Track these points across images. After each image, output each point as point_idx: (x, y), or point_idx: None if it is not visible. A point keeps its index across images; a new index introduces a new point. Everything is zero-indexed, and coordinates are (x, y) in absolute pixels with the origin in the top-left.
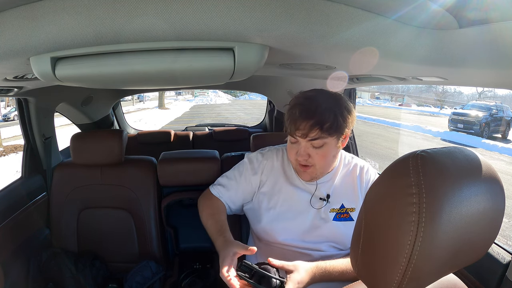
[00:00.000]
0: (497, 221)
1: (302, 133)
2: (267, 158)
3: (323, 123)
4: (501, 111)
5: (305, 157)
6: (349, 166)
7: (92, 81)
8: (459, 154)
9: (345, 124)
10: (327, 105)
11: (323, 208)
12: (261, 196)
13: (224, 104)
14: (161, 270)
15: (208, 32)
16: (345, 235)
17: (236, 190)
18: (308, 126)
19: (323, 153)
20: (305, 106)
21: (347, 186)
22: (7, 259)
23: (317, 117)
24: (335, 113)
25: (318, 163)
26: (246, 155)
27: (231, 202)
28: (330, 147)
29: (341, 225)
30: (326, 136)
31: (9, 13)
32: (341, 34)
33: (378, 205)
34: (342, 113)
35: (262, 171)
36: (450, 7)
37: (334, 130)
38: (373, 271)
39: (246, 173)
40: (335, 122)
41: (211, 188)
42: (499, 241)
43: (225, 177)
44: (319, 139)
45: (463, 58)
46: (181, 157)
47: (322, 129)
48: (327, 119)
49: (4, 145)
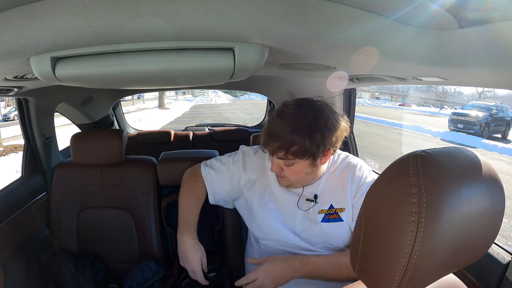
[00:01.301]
0: (497, 221)
1: (271, 151)
2: (258, 156)
3: (289, 147)
4: (501, 111)
5: (277, 169)
6: (341, 165)
7: (92, 81)
8: (459, 154)
9: (316, 148)
10: (299, 126)
11: (311, 209)
12: (253, 194)
13: (224, 104)
14: (161, 270)
15: (208, 32)
16: (335, 236)
17: (225, 177)
18: (274, 147)
19: (294, 171)
20: (274, 125)
21: (337, 186)
22: (7, 259)
23: (282, 140)
24: (304, 136)
25: (290, 177)
26: (241, 147)
27: (218, 187)
28: (302, 166)
29: (330, 226)
30: (293, 158)
31: (9, 13)
32: (341, 34)
33: (378, 205)
34: (313, 136)
35: (251, 168)
36: (450, 7)
37: (302, 154)
38: (373, 271)
39: (238, 164)
40: (303, 146)
41: (202, 167)
42: (499, 241)
43: (218, 160)
44: (287, 160)
45: (463, 58)
46: (181, 157)
47: (287, 152)
48: (293, 143)
49: (4, 145)
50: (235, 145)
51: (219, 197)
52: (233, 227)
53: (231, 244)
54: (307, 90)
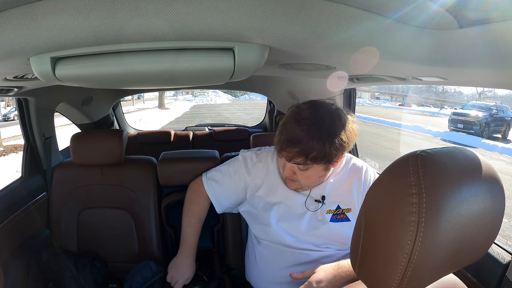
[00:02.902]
0: (497, 221)
1: (287, 156)
2: (261, 160)
3: (308, 153)
4: (501, 111)
5: (289, 174)
6: (346, 167)
7: (92, 81)
8: (459, 154)
9: (335, 152)
10: (317, 132)
11: (319, 210)
12: (257, 199)
13: (224, 104)
14: (161, 270)
15: (208, 32)
16: (343, 235)
17: (229, 187)
18: (293, 153)
19: (308, 175)
20: (291, 131)
21: (343, 187)
22: (7, 259)
23: (303, 146)
24: (324, 142)
25: (302, 181)
26: (241, 152)
27: (224, 198)
28: (316, 170)
29: (338, 226)
30: (312, 164)
31: (9, 13)
32: (341, 34)
33: (378, 205)
34: (333, 141)
35: (256, 174)
36: (450, 7)
37: (320, 159)
38: (373, 271)
39: (240, 171)
40: (322, 152)
41: (204, 182)
42: (499, 241)
43: (218, 171)
44: (303, 165)
45: (463, 58)
46: (181, 157)
47: (307, 158)
48: (313, 149)
49: (4, 145)
50: (235, 145)
51: (225, 207)
52: (233, 227)
53: (231, 244)
54: (307, 90)
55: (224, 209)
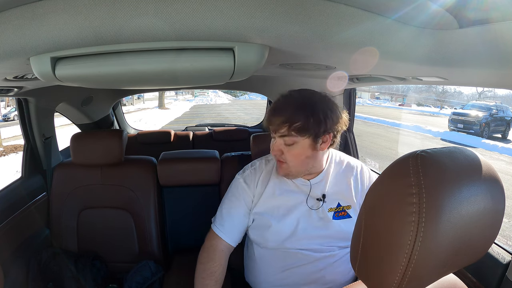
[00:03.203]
0: (497, 221)
1: (273, 128)
2: (255, 168)
3: (292, 122)
4: (501, 111)
5: (277, 152)
6: (341, 164)
7: (92, 81)
8: (459, 154)
9: (317, 127)
10: (301, 103)
11: (321, 208)
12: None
13: (224, 104)
14: (160, 270)
15: (208, 32)
16: (346, 232)
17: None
18: (278, 123)
19: (294, 153)
20: (279, 102)
21: (341, 185)
22: (7, 259)
23: (288, 114)
24: (308, 114)
25: (290, 162)
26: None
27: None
28: (302, 147)
29: (341, 224)
30: (296, 135)
31: (9, 13)
32: (341, 34)
33: (378, 205)
34: (316, 114)
35: (254, 181)
36: (450, 7)
37: (304, 131)
38: (373, 271)
39: (244, 192)
40: (306, 123)
41: (213, 227)
42: (499, 241)
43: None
44: (288, 137)
45: (463, 58)
46: (181, 157)
47: (290, 128)
48: (298, 118)
49: (4, 145)
50: (235, 145)
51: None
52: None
53: None
54: None
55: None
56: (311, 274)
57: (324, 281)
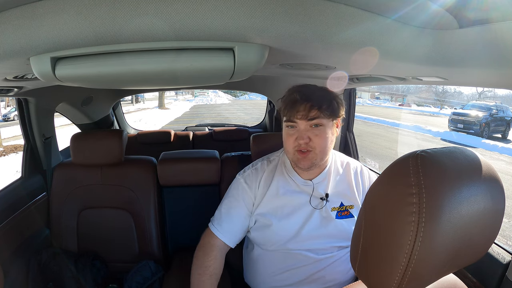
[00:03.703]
0: (497, 221)
1: (302, 114)
2: (256, 168)
3: (321, 105)
4: (501, 111)
5: (306, 140)
6: (341, 164)
7: (92, 81)
8: (459, 154)
9: (338, 109)
10: (321, 92)
11: (324, 208)
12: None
13: (224, 104)
14: (160, 270)
15: (208, 32)
16: (349, 232)
17: (241, 216)
18: (308, 107)
19: (322, 135)
20: (303, 91)
21: (343, 184)
22: (7, 259)
23: (315, 99)
24: (330, 98)
25: (318, 146)
26: (237, 175)
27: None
28: (326, 129)
29: (344, 223)
30: (324, 117)
31: (9, 13)
32: (341, 34)
33: (378, 205)
34: (336, 99)
35: (256, 182)
36: (450, 7)
37: (330, 112)
38: (373, 271)
39: (245, 193)
40: (331, 105)
41: (211, 227)
42: (499, 241)
43: (222, 208)
44: (318, 119)
45: (463, 58)
46: (181, 157)
47: (321, 109)
48: (324, 101)
49: (4, 145)
50: (235, 145)
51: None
52: None
53: None
54: None
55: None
56: (311, 275)
57: (324, 281)
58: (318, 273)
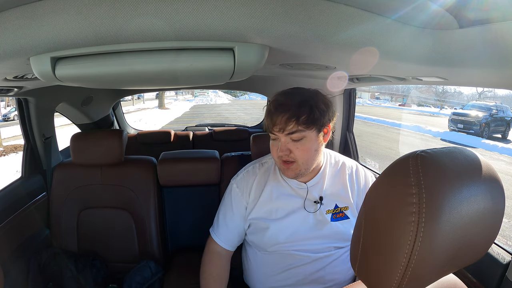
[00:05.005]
0: (497, 221)
1: (279, 127)
2: (248, 171)
3: (299, 116)
4: (501, 111)
5: (286, 152)
6: (336, 165)
7: (92, 81)
8: (459, 154)
9: (322, 117)
10: (302, 98)
11: (318, 211)
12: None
13: (224, 104)
14: (160, 270)
15: (208, 32)
16: (344, 233)
17: (235, 221)
18: (284, 120)
19: (304, 148)
20: (280, 101)
21: (338, 186)
22: (7, 259)
23: (293, 110)
24: (311, 105)
25: (300, 158)
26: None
27: (237, 233)
28: (310, 140)
29: (339, 225)
30: (304, 129)
31: (9, 13)
32: (341, 34)
33: (378, 205)
34: (318, 106)
35: (250, 190)
36: (450, 7)
37: (311, 122)
38: (373, 271)
39: (237, 199)
40: (312, 114)
41: (211, 233)
42: (499, 241)
43: (220, 214)
44: (297, 133)
45: (463, 58)
46: (181, 157)
47: (298, 122)
48: (303, 111)
49: (4, 145)
50: (235, 145)
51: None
52: None
53: None
54: None
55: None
56: (310, 275)
57: (324, 281)
58: (317, 273)
